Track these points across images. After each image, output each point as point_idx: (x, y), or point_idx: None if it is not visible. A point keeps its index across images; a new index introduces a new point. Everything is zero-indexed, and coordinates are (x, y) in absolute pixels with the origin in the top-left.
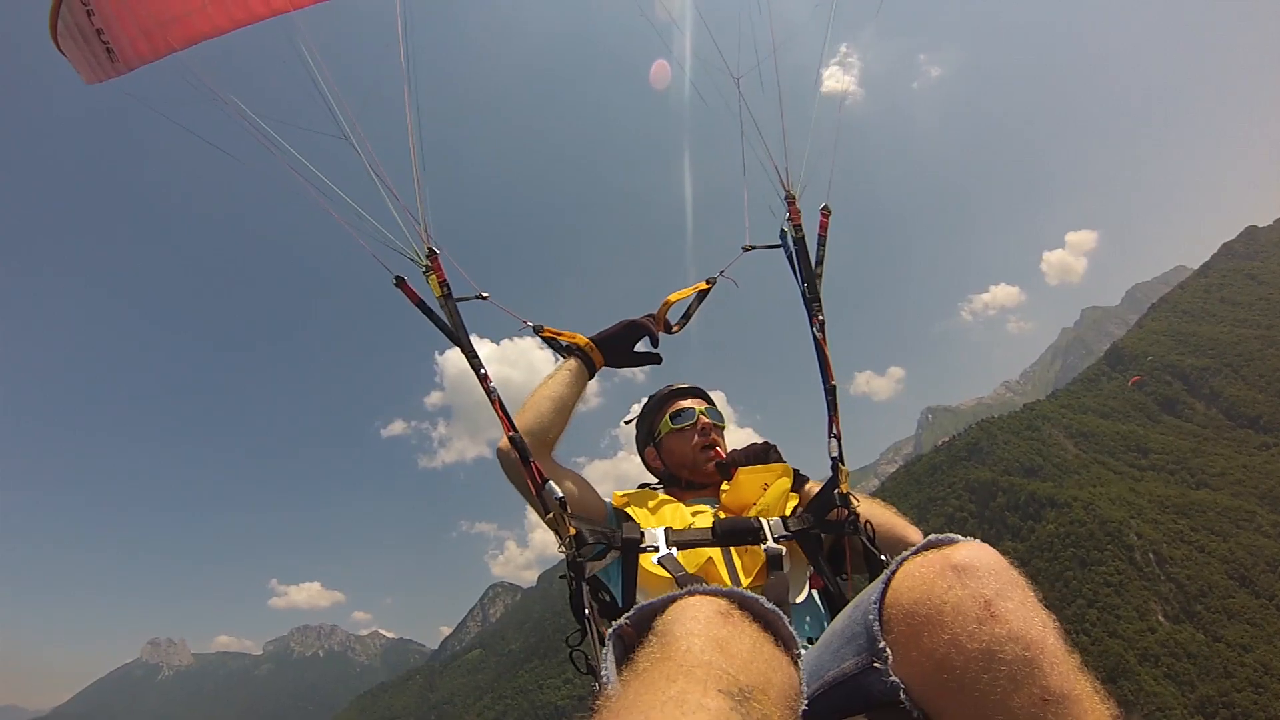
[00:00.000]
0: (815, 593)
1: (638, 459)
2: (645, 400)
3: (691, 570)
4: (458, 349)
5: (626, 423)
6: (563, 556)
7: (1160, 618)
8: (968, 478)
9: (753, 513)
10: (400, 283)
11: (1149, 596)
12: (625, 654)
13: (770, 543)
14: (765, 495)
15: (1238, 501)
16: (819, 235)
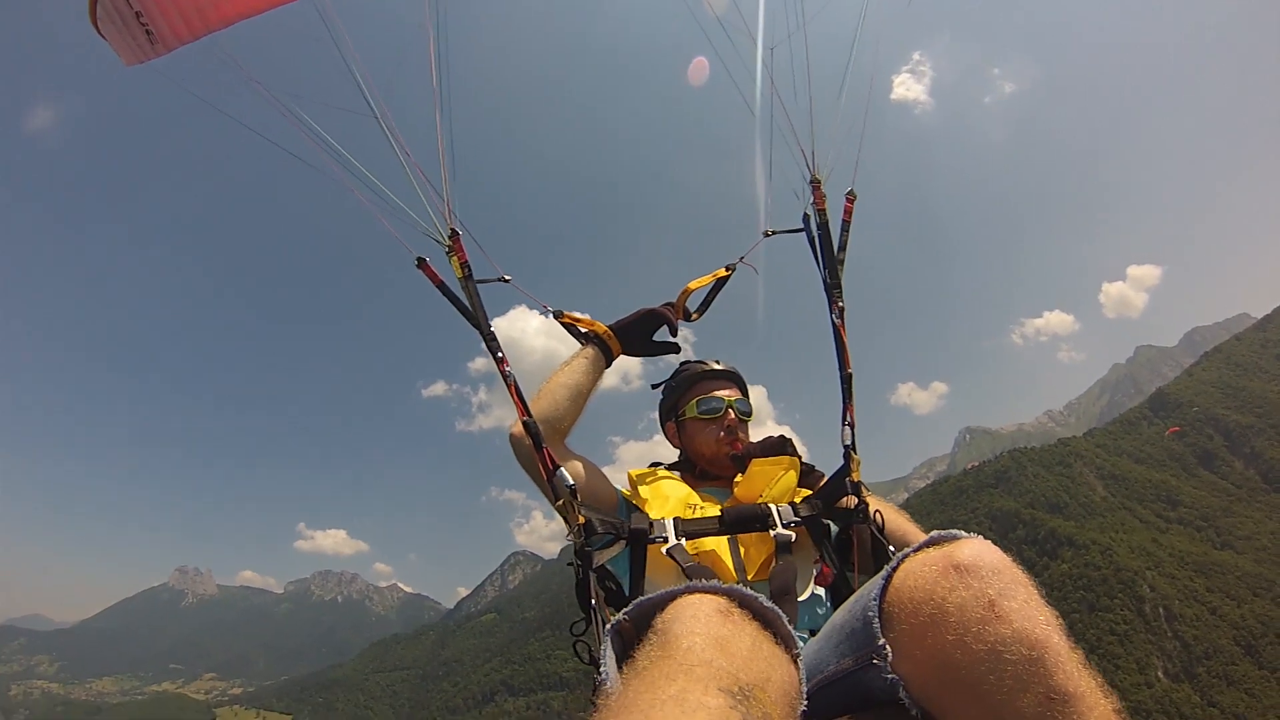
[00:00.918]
0: (820, 585)
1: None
2: (677, 368)
3: (698, 560)
4: (479, 332)
5: (654, 387)
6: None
7: (1160, 674)
8: (992, 505)
9: (760, 502)
10: (422, 263)
11: (1152, 651)
12: (624, 649)
13: (779, 529)
14: (772, 488)
15: (1260, 568)
16: (843, 221)
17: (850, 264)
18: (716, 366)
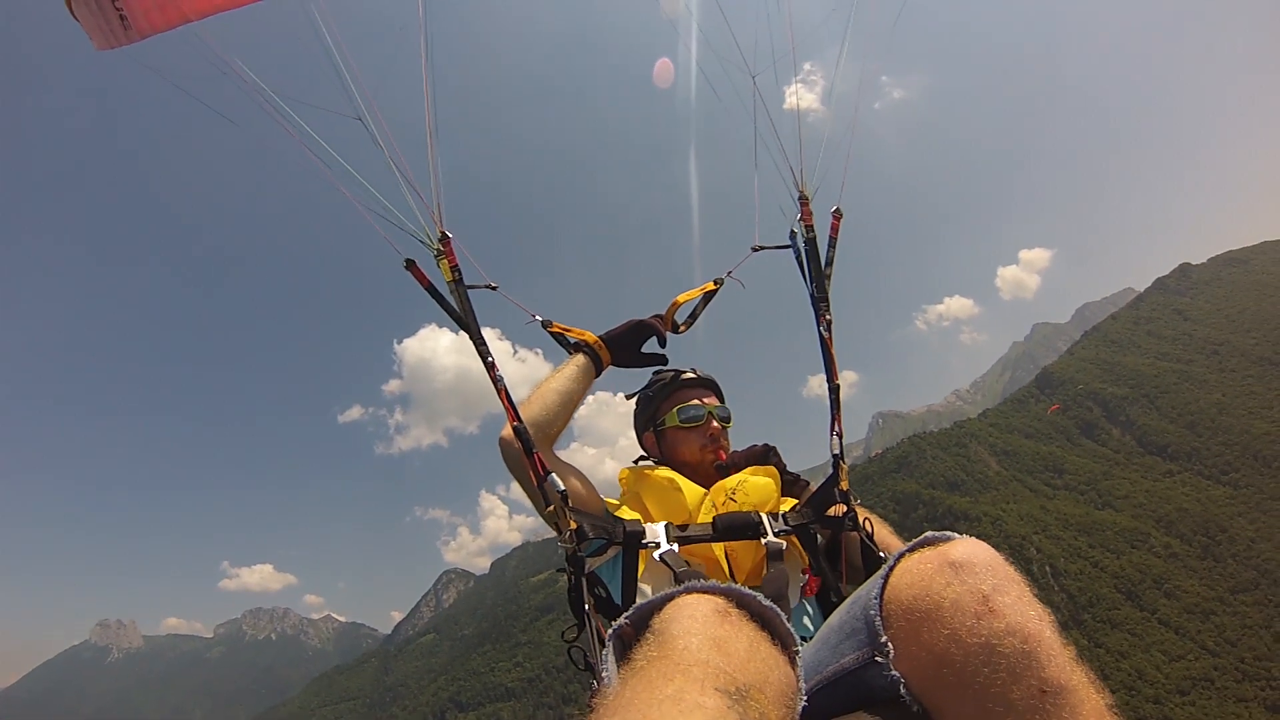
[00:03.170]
0: (809, 595)
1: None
2: (652, 377)
3: (691, 566)
4: (465, 335)
5: (628, 397)
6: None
7: None
8: (895, 489)
9: (749, 510)
10: (411, 265)
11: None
12: (625, 653)
13: (771, 537)
14: (750, 494)
15: (1135, 523)
16: (830, 237)
17: (762, 263)
18: (692, 375)
